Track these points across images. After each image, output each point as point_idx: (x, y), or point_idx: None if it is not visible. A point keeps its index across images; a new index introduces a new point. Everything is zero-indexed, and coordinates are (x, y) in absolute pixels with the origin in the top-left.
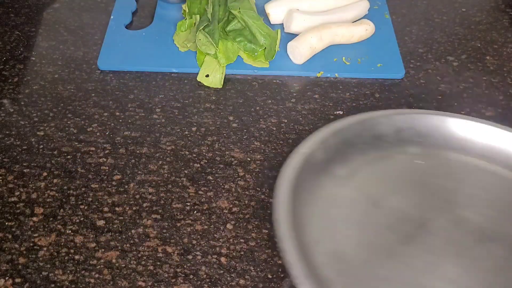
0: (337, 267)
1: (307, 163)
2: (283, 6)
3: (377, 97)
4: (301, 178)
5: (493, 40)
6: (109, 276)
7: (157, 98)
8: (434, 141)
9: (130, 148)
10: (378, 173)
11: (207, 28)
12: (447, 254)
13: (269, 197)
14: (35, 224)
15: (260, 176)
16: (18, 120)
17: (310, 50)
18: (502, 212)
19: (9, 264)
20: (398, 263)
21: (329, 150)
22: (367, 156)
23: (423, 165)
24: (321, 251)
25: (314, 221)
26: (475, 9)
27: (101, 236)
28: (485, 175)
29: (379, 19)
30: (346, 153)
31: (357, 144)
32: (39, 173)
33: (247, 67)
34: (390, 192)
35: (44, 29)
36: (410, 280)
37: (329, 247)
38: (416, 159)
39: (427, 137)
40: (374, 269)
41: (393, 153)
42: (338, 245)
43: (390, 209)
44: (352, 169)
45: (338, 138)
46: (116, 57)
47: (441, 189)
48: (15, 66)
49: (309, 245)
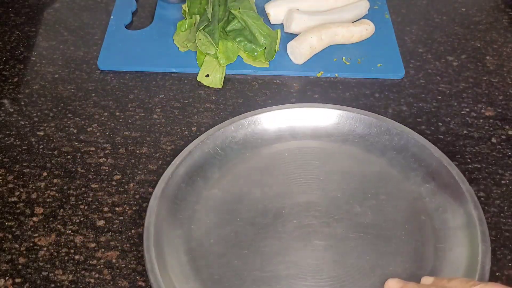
0: (199, 264)
1: (187, 167)
2: (283, 6)
3: (377, 97)
4: (179, 186)
5: (493, 40)
6: (109, 276)
7: (157, 98)
8: (302, 133)
9: (130, 148)
10: (246, 170)
11: (207, 28)
12: (294, 239)
13: None
14: (35, 224)
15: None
16: (18, 120)
17: (310, 50)
18: (348, 194)
19: (9, 264)
20: (250, 253)
21: (206, 155)
22: (241, 155)
23: (288, 157)
24: (185, 249)
25: (186, 224)
26: (475, 9)
27: (101, 236)
28: (344, 159)
29: (379, 19)
30: (221, 155)
31: (230, 145)
32: (39, 173)
33: (247, 67)
34: (254, 187)
35: (44, 29)
36: (258, 267)
37: (192, 246)
38: (283, 152)
39: (295, 130)
40: (229, 261)
41: (262, 149)
42: (200, 244)
43: (252, 204)
44: (224, 170)
45: (212, 143)
46: (116, 57)
47: (298, 177)
48: (15, 66)
49: (175, 245)
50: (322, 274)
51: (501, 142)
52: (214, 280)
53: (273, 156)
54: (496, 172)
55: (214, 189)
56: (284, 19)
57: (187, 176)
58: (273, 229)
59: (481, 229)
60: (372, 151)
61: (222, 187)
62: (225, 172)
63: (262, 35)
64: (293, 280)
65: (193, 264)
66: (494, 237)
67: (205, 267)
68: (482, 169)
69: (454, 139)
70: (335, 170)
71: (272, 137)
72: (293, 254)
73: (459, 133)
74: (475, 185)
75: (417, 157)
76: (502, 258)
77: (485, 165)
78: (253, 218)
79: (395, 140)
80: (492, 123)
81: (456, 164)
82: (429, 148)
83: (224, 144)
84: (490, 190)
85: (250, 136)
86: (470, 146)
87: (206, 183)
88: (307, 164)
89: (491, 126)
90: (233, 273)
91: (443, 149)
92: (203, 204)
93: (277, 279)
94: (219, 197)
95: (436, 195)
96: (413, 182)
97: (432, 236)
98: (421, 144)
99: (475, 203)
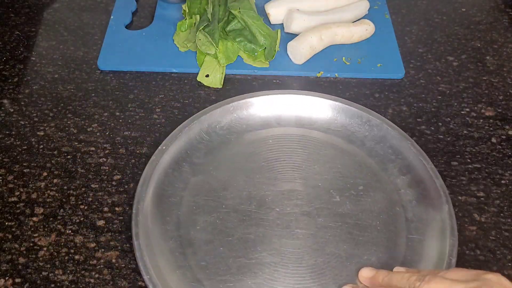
0: (186, 251)
1: (171, 155)
2: (283, 6)
3: (377, 97)
4: (166, 172)
5: (493, 40)
6: (109, 276)
7: (157, 98)
8: (286, 120)
9: (130, 148)
10: (231, 156)
11: (207, 28)
12: (277, 227)
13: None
14: (35, 224)
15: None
16: (18, 120)
17: (310, 50)
18: (329, 183)
19: (9, 264)
20: (235, 240)
21: (191, 140)
22: (226, 140)
23: (272, 144)
24: (173, 236)
25: (173, 211)
26: (475, 9)
27: (101, 236)
28: (326, 148)
29: (379, 19)
30: (206, 141)
31: (215, 130)
32: (39, 173)
33: (247, 67)
34: (238, 173)
35: (44, 29)
36: (242, 254)
37: (180, 233)
38: (268, 138)
39: (280, 117)
40: (215, 249)
41: (247, 135)
42: (187, 230)
43: (237, 191)
44: (209, 155)
45: (198, 127)
46: (116, 57)
47: (282, 165)
48: (15, 66)
49: (162, 232)
50: (302, 262)
51: (501, 142)
52: (201, 267)
53: (258, 142)
54: (496, 172)
55: (200, 175)
56: (284, 19)
57: (174, 161)
58: (257, 216)
59: (450, 223)
60: (353, 141)
61: (208, 173)
62: (211, 158)
63: (262, 35)
64: (276, 267)
65: (180, 250)
66: (494, 237)
67: (192, 253)
68: (482, 169)
69: (454, 139)
70: (317, 159)
71: (257, 122)
72: (276, 242)
73: (459, 133)
74: (475, 185)
75: (395, 148)
76: (502, 258)
77: (485, 165)
78: (237, 205)
79: (375, 131)
80: (492, 123)
81: (456, 164)
82: (407, 141)
83: (209, 129)
84: (490, 190)
85: (235, 121)
86: (470, 146)
87: (192, 169)
88: (291, 152)
89: (491, 126)
90: (219, 259)
91: (443, 149)
92: (190, 190)
93: (261, 266)
94: (205, 183)
95: (411, 187)
96: (390, 173)
97: (405, 227)
98: (399, 136)
99: (446, 198)
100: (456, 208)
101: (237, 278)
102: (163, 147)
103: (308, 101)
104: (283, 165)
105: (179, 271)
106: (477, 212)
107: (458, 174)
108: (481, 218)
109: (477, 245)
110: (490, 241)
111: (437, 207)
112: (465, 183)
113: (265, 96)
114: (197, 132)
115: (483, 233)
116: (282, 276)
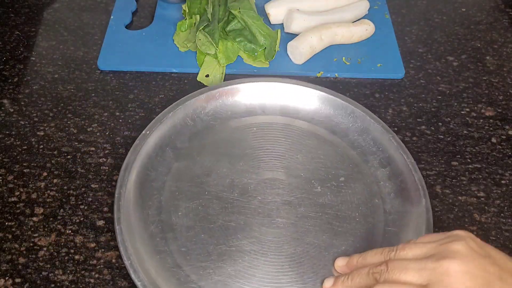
0: (167, 236)
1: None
2: (283, 6)
3: (377, 97)
4: (149, 158)
5: (493, 40)
6: (109, 276)
7: (157, 98)
8: (271, 109)
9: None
10: (215, 142)
11: (207, 28)
12: (259, 215)
13: None
14: (35, 224)
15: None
16: (18, 120)
17: (310, 50)
18: (311, 173)
19: (9, 264)
20: (217, 227)
21: (176, 125)
22: (211, 126)
23: (256, 132)
24: (154, 220)
25: (155, 196)
26: (475, 9)
27: (101, 236)
28: (309, 138)
29: (379, 19)
30: (190, 126)
31: (200, 116)
32: (39, 173)
33: (247, 67)
34: (222, 160)
35: (44, 29)
36: (222, 241)
37: (162, 218)
38: (252, 126)
39: (265, 105)
40: (196, 235)
41: (232, 122)
42: (169, 216)
43: (220, 178)
44: (194, 141)
45: (183, 113)
46: (116, 57)
47: (265, 153)
48: (15, 66)
49: (144, 217)
50: (282, 251)
51: (501, 142)
52: (181, 253)
53: (242, 129)
54: (496, 172)
55: (183, 161)
56: (284, 19)
57: (158, 146)
58: (239, 204)
59: (427, 217)
60: (336, 131)
61: (192, 158)
62: (195, 143)
63: (262, 35)
64: (256, 255)
65: (162, 235)
66: (494, 237)
67: (173, 239)
68: (482, 169)
69: (454, 139)
70: (300, 149)
71: (242, 110)
72: (256, 230)
73: (459, 133)
74: (475, 185)
75: (376, 141)
76: None
77: (485, 165)
78: (220, 193)
79: (358, 122)
80: (492, 123)
81: (456, 164)
82: (388, 134)
83: (194, 115)
84: (490, 190)
85: (220, 107)
86: (470, 146)
87: (176, 154)
88: (274, 140)
89: (491, 126)
90: (200, 245)
91: (443, 149)
92: (173, 176)
93: (241, 254)
94: (188, 169)
95: (390, 180)
96: (371, 165)
97: (382, 219)
98: (381, 129)
99: (424, 192)
100: (456, 208)
101: (217, 265)
102: (146, 132)
103: (293, 90)
104: (266, 154)
105: (159, 256)
106: (477, 212)
107: (459, 174)
108: (482, 218)
109: None
110: (490, 242)
111: (415, 200)
112: (465, 183)
113: (250, 83)
114: (182, 117)
115: (483, 234)
116: (262, 264)
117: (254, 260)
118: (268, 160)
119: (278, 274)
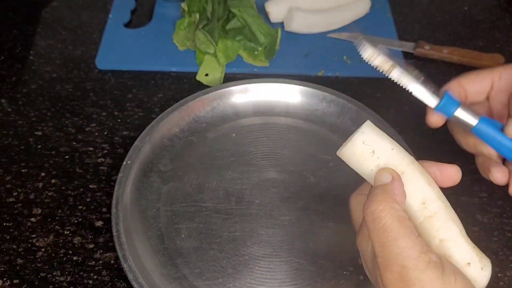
0: (177, 262)
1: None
2: (284, 5)
3: (378, 97)
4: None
5: (496, 39)
6: (107, 277)
7: (156, 98)
8: (244, 111)
9: (129, 148)
10: (197, 157)
11: (206, 26)
12: (261, 218)
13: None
14: (33, 224)
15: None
16: (16, 120)
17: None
18: (301, 166)
19: (7, 265)
20: (224, 240)
21: (155, 149)
22: (189, 142)
23: (236, 138)
24: (159, 249)
25: (153, 225)
26: (477, 8)
27: (99, 237)
28: (290, 132)
29: (381, 18)
30: (169, 146)
31: (176, 134)
32: (37, 174)
33: (247, 66)
34: (210, 173)
35: (42, 27)
36: (233, 253)
37: (166, 246)
38: (230, 133)
39: (237, 108)
40: (206, 253)
41: (209, 133)
42: (173, 242)
43: (213, 191)
44: (176, 161)
45: (159, 135)
46: (114, 56)
47: (250, 156)
48: (13, 65)
49: (148, 248)
50: (294, 248)
51: None
52: (196, 274)
53: (221, 139)
54: None
55: (171, 183)
56: (285, 17)
57: (142, 174)
58: (239, 212)
59: None
60: (313, 120)
61: (179, 179)
62: (178, 163)
63: (262, 33)
64: (270, 258)
65: (171, 263)
66: (496, 238)
67: (183, 264)
68: None
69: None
70: (284, 144)
71: (216, 119)
72: (263, 233)
73: None
74: (478, 185)
75: (354, 120)
76: (505, 259)
77: None
78: (217, 205)
79: (332, 106)
80: None
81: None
82: (364, 111)
83: (170, 134)
84: (492, 191)
85: (194, 121)
86: None
87: (162, 178)
88: (256, 142)
89: None
90: (212, 263)
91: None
92: (165, 200)
93: (256, 261)
94: (179, 190)
95: None
96: None
97: None
98: (356, 108)
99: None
100: (459, 208)
101: (235, 278)
102: (128, 162)
103: (260, 88)
104: (252, 157)
105: (175, 283)
106: (479, 212)
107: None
108: (484, 219)
109: (480, 246)
110: (493, 242)
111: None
112: (468, 184)
113: (216, 91)
114: (159, 140)
115: (485, 234)
116: (278, 265)
117: (270, 263)
118: (256, 163)
119: (297, 271)
